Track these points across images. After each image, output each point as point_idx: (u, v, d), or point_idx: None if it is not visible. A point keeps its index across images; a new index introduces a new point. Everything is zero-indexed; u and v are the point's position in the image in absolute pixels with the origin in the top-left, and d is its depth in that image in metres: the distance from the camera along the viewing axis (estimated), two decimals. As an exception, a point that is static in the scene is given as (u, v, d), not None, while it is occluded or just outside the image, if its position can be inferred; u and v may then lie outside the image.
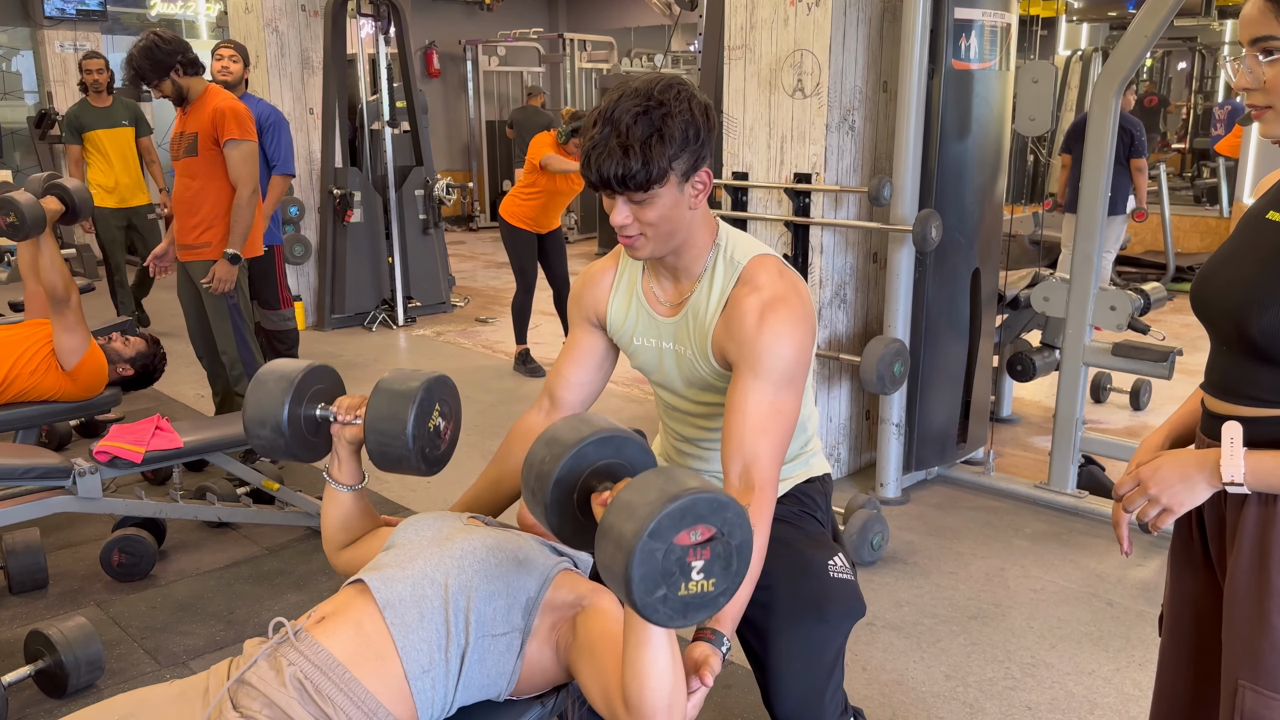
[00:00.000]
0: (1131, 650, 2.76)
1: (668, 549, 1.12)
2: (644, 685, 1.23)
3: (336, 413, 1.66)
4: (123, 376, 3.67)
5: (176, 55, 3.75)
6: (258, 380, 1.65)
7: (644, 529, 1.10)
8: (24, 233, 3.30)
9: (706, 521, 1.14)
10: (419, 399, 1.57)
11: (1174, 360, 3.41)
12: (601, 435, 1.30)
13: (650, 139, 1.48)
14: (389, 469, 1.61)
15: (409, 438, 1.55)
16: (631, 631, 1.23)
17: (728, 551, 1.16)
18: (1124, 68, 3.23)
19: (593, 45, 11.26)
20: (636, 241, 1.60)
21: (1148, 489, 1.37)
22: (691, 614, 1.16)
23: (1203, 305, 1.41)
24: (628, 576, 1.11)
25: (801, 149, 3.67)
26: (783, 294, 1.62)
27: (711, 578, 1.15)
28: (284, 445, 1.63)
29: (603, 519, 1.16)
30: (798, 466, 1.87)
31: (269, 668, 1.36)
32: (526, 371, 5.63)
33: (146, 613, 2.99)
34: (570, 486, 1.29)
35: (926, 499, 3.84)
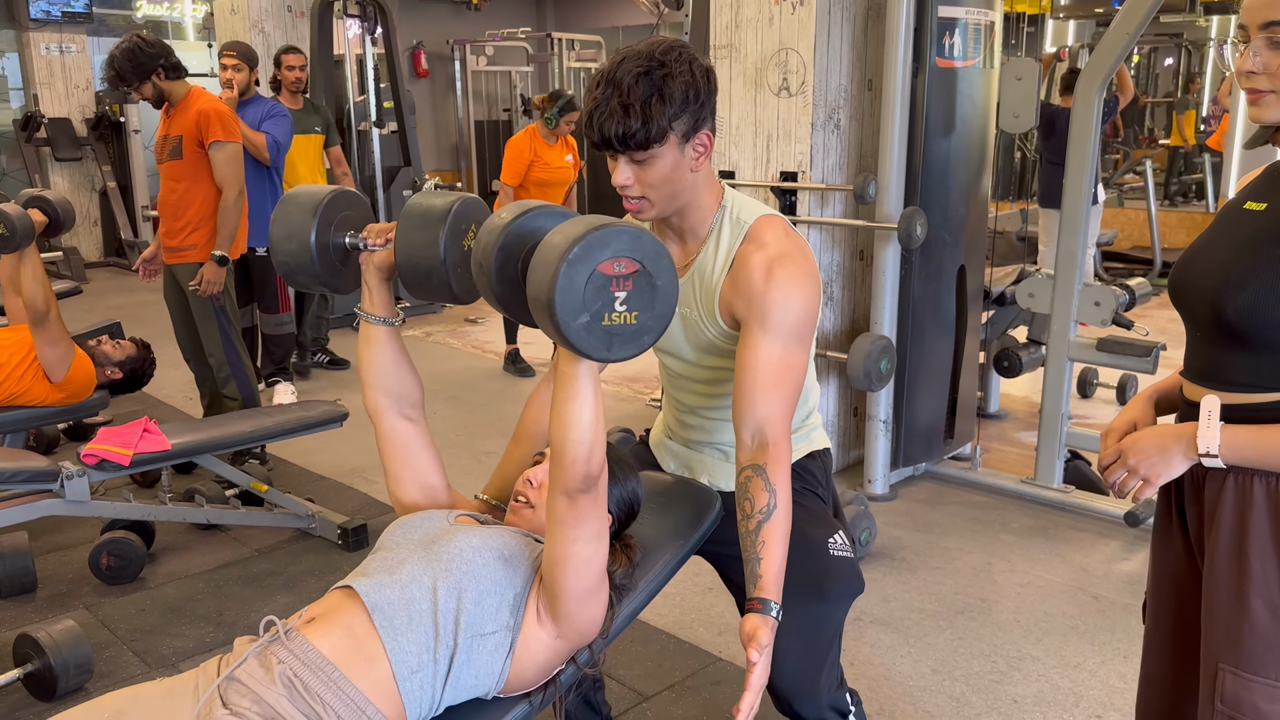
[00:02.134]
0: (1117, 643, 2.78)
1: (591, 276, 1.15)
2: (567, 435, 1.31)
3: (366, 238, 1.62)
4: (111, 380, 3.66)
5: (159, 59, 3.74)
6: (286, 199, 1.61)
7: (567, 253, 1.13)
8: (14, 244, 3.28)
9: (630, 254, 1.17)
10: (453, 213, 1.50)
11: (1158, 355, 3.44)
12: (544, 209, 1.32)
13: (651, 99, 1.51)
14: (420, 291, 1.54)
15: (441, 250, 1.48)
16: (561, 383, 1.31)
17: (651, 286, 1.20)
18: (1106, 64, 3.26)
19: (580, 45, 11.25)
20: (640, 205, 1.62)
21: (1127, 460, 1.40)
22: (616, 347, 1.20)
23: (1181, 292, 1.43)
24: (551, 300, 1.14)
25: (787, 147, 3.69)
26: (789, 251, 1.63)
27: (634, 310, 1.19)
28: (309, 263, 1.58)
29: (534, 257, 1.20)
30: (798, 440, 1.87)
31: (259, 665, 1.37)
32: (516, 371, 5.63)
33: (135, 615, 2.99)
34: (513, 255, 1.30)
35: (914, 495, 3.86)
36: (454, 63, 11.77)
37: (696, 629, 2.88)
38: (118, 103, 9.19)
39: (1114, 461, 1.42)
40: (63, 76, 9.40)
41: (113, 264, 9.55)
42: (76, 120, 9.43)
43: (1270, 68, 1.27)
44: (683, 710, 2.49)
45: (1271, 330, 1.29)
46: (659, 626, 2.89)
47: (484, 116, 11.84)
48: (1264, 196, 1.36)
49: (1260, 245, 1.31)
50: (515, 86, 11.82)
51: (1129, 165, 10.47)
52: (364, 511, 3.70)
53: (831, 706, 1.80)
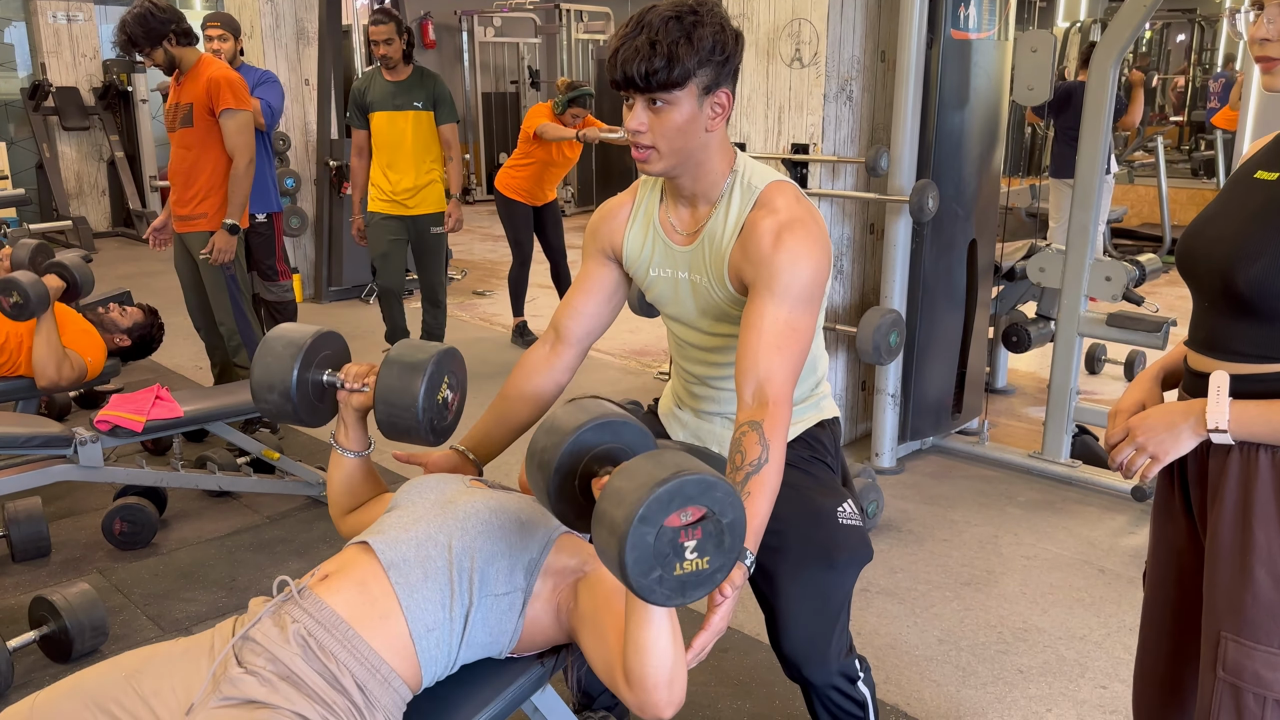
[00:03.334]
0: (1122, 615, 2.80)
1: (659, 532, 1.14)
2: (645, 662, 1.26)
3: (344, 379, 1.68)
4: (120, 346, 3.68)
5: (170, 24, 3.73)
6: (266, 345, 1.67)
7: (633, 514, 1.13)
8: (29, 313, 3.22)
9: (696, 502, 1.16)
10: (429, 372, 1.59)
11: (1168, 331, 3.44)
12: (598, 421, 1.33)
13: (678, 41, 1.53)
14: (396, 439, 1.64)
15: (419, 410, 1.58)
16: (633, 611, 1.26)
17: (719, 530, 1.18)
18: (1122, 38, 3.23)
19: (589, 16, 11.18)
20: (649, 155, 1.62)
21: (1135, 438, 1.40)
22: (690, 592, 1.19)
23: (1189, 262, 1.42)
24: (621, 561, 1.14)
25: (799, 119, 3.67)
26: (800, 216, 1.64)
27: (705, 556, 1.18)
28: (291, 410, 1.65)
29: (597, 507, 1.19)
30: (808, 409, 1.88)
31: (273, 624, 1.38)
32: (524, 344, 5.64)
33: (149, 580, 3.02)
34: (571, 472, 1.32)
35: (921, 468, 3.87)
36: (462, 34, 11.71)
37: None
38: (125, 72, 9.16)
39: (1121, 440, 1.42)
40: (70, 45, 9.37)
41: (121, 234, 9.56)
42: (84, 89, 9.40)
43: None
44: (691, 676, 2.48)
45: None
46: (667, 595, 2.91)
47: (491, 88, 11.79)
48: (1275, 165, 1.35)
49: (1271, 216, 1.30)
50: (523, 58, 11.76)
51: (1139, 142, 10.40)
52: (374, 480, 3.72)
53: (841, 672, 1.83)
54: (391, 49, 4.52)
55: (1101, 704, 2.42)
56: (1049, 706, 2.41)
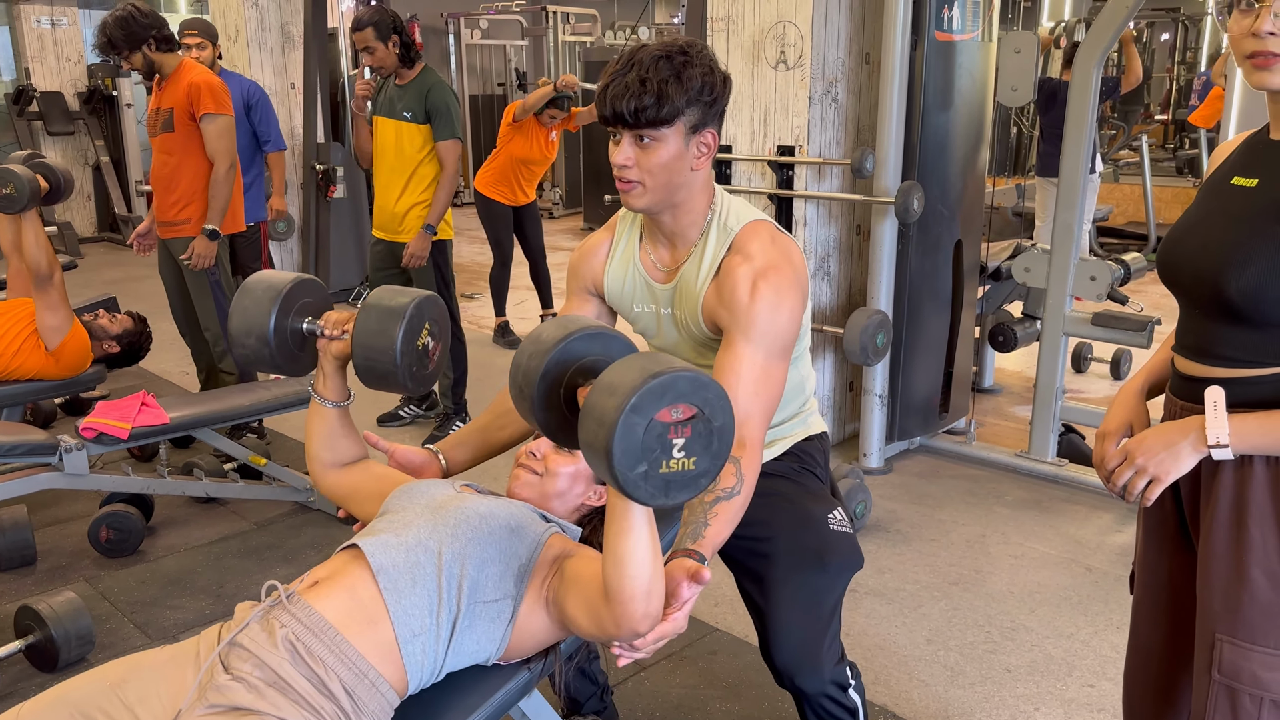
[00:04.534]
0: (1109, 614, 2.81)
1: (649, 424, 1.13)
2: (623, 572, 1.26)
3: (324, 327, 1.65)
4: (108, 354, 3.66)
5: (151, 29, 3.72)
6: (244, 290, 1.64)
7: (625, 403, 1.11)
8: (20, 205, 3.30)
9: (688, 400, 1.15)
10: (409, 315, 1.55)
11: (1152, 330, 3.45)
12: (588, 331, 1.30)
13: (668, 80, 1.55)
14: (375, 385, 1.61)
15: (397, 354, 1.53)
16: (614, 520, 1.26)
17: (709, 431, 1.17)
18: (1105, 38, 3.25)
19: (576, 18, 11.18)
20: (634, 189, 1.63)
21: (1134, 460, 1.38)
22: (674, 493, 1.17)
23: (1173, 271, 1.43)
24: (609, 450, 1.12)
25: (785, 121, 3.68)
26: (775, 262, 1.65)
27: (693, 456, 1.17)
28: (269, 356, 1.62)
29: (586, 400, 1.18)
30: (796, 425, 1.91)
31: (261, 630, 1.38)
32: (505, 344, 5.65)
33: (135, 587, 3.00)
34: (556, 381, 1.29)
35: (909, 468, 3.89)
36: (448, 36, 11.70)
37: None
38: (110, 77, 9.12)
39: (1119, 464, 1.41)
40: (54, 50, 9.33)
41: (107, 239, 9.51)
42: (69, 94, 9.36)
43: None
44: (680, 679, 2.52)
45: (1273, 308, 1.28)
46: (656, 598, 2.91)
47: (478, 91, 11.78)
48: (1252, 171, 1.35)
49: (1258, 223, 1.30)
50: (510, 61, 11.76)
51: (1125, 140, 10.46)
52: (362, 485, 3.71)
53: (832, 680, 1.83)
54: (376, 57, 3.89)
55: (1089, 702, 2.43)
56: (1037, 705, 2.42)
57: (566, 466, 1.64)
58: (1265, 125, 1.37)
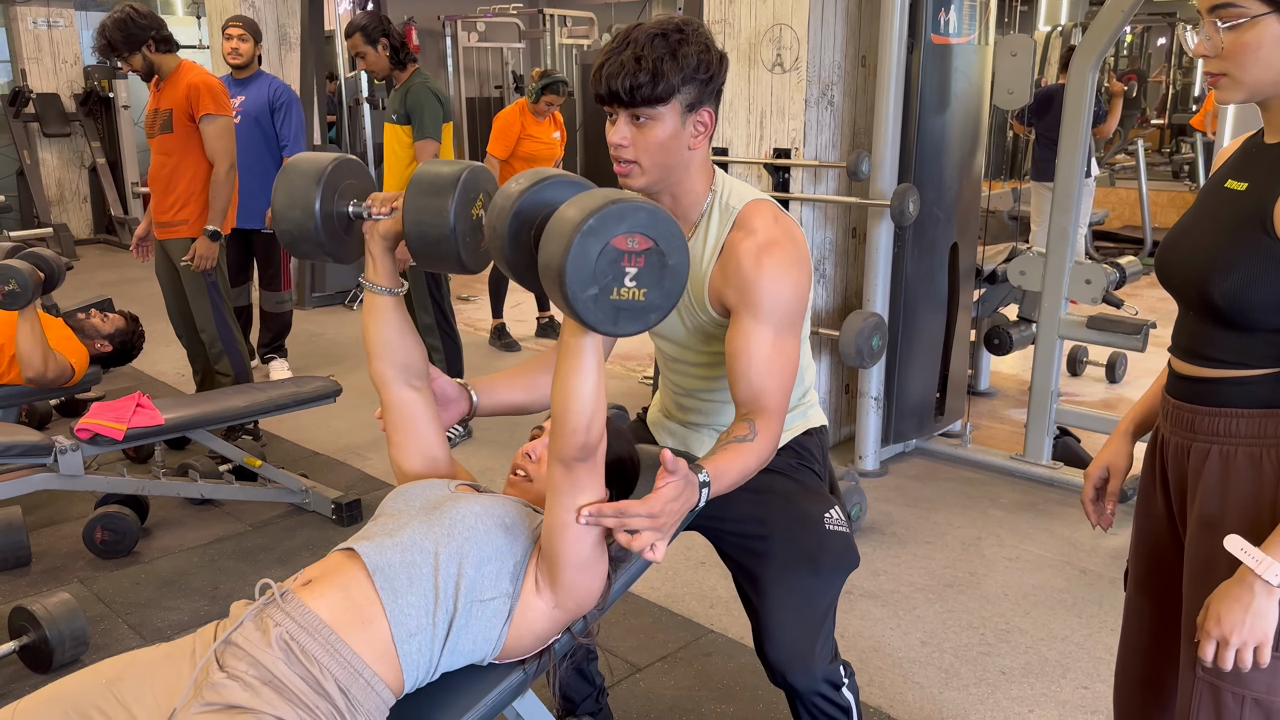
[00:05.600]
0: (1104, 616, 2.82)
1: (603, 249, 1.14)
2: (568, 406, 1.33)
3: (370, 207, 1.61)
4: (101, 353, 3.66)
5: (150, 30, 3.73)
6: (288, 167, 1.59)
7: (582, 223, 1.13)
8: (23, 301, 3.19)
9: (645, 231, 1.16)
10: (463, 181, 1.49)
11: (1147, 333, 3.46)
12: (561, 180, 1.31)
13: (663, 57, 1.55)
14: (428, 262, 1.54)
15: (451, 217, 1.46)
16: (565, 354, 1.32)
17: (662, 264, 1.19)
18: (1101, 41, 3.26)
19: (573, 21, 11.19)
20: (631, 169, 1.63)
21: (1227, 640, 1.29)
22: (622, 321, 1.19)
23: (1166, 273, 1.44)
24: (561, 268, 1.13)
25: (781, 124, 3.69)
26: (778, 238, 1.65)
27: (644, 287, 1.18)
28: (313, 232, 1.57)
29: (548, 225, 1.19)
30: (795, 418, 1.89)
31: (255, 629, 1.38)
32: (502, 346, 5.65)
33: (130, 589, 3.00)
34: (527, 222, 1.29)
35: (904, 471, 3.89)
36: (445, 39, 11.69)
37: (688, 601, 2.90)
38: (107, 78, 9.12)
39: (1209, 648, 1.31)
40: (50, 51, 9.32)
41: (103, 241, 9.51)
42: (65, 96, 9.35)
43: (1221, 50, 1.27)
44: (674, 680, 2.52)
45: (1258, 313, 1.30)
46: (651, 599, 2.91)
47: (475, 93, 11.77)
48: (1244, 174, 1.36)
49: (1240, 228, 1.31)
50: (507, 63, 11.75)
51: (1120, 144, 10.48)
52: (358, 487, 3.71)
53: (825, 679, 1.83)
54: (368, 61, 4.02)
55: (1084, 704, 2.43)
56: (1031, 708, 2.42)
57: (561, 467, 1.64)
58: (1261, 129, 1.38)
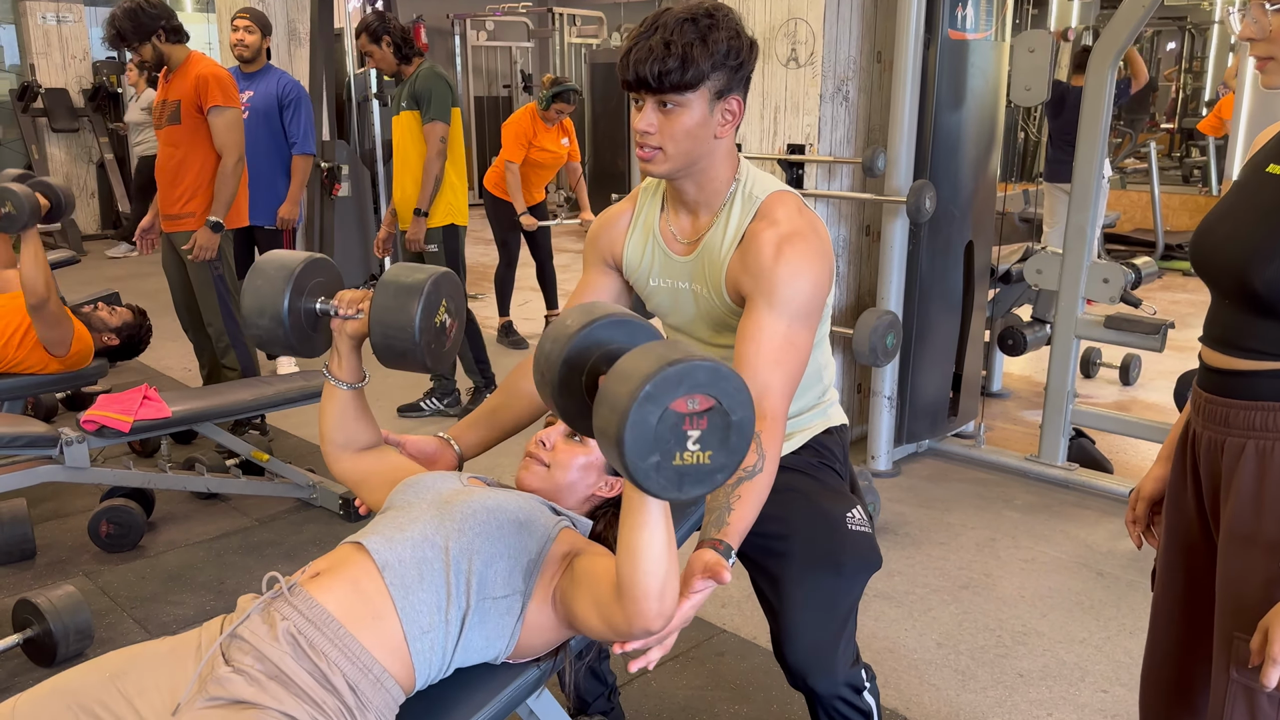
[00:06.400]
0: (1122, 619, 2.77)
1: (663, 414, 1.09)
2: (637, 567, 1.22)
3: (338, 306, 1.62)
4: (108, 346, 3.63)
5: (161, 20, 3.70)
6: (256, 269, 1.61)
7: (639, 390, 1.07)
8: (20, 224, 3.21)
9: (706, 390, 1.10)
10: (426, 292, 1.53)
11: (1166, 332, 3.42)
12: (613, 318, 1.26)
13: (693, 43, 1.51)
14: (392, 364, 1.58)
15: (416, 330, 1.50)
16: (629, 512, 1.22)
17: (726, 424, 1.13)
18: (1120, 37, 3.22)
19: (582, 20, 11.18)
20: (655, 156, 1.59)
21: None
22: (687, 487, 1.13)
23: (1203, 260, 1.40)
24: (620, 438, 1.08)
25: (795, 120, 3.65)
26: (801, 229, 1.61)
27: (708, 450, 1.12)
28: (282, 336, 1.59)
29: (602, 386, 1.14)
30: (815, 417, 1.85)
31: (262, 622, 1.34)
32: (509, 344, 5.62)
33: (135, 583, 2.97)
34: (577, 367, 1.25)
35: (917, 471, 3.85)
36: (454, 38, 11.69)
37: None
38: (115, 74, 9.11)
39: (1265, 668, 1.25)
40: (60, 46, 9.31)
41: (110, 236, 9.49)
42: (74, 91, 9.35)
43: (1270, 33, 1.26)
44: (687, 680, 2.48)
45: None
46: (662, 599, 2.87)
47: (484, 92, 11.77)
48: None
49: None
50: (515, 62, 11.75)
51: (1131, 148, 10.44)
52: (365, 483, 3.68)
53: (847, 682, 1.78)
54: (375, 59, 4.15)
55: (1103, 708, 2.39)
56: (1050, 711, 2.38)
57: (577, 457, 1.60)
58: None
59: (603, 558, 1.42)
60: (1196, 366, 1.46)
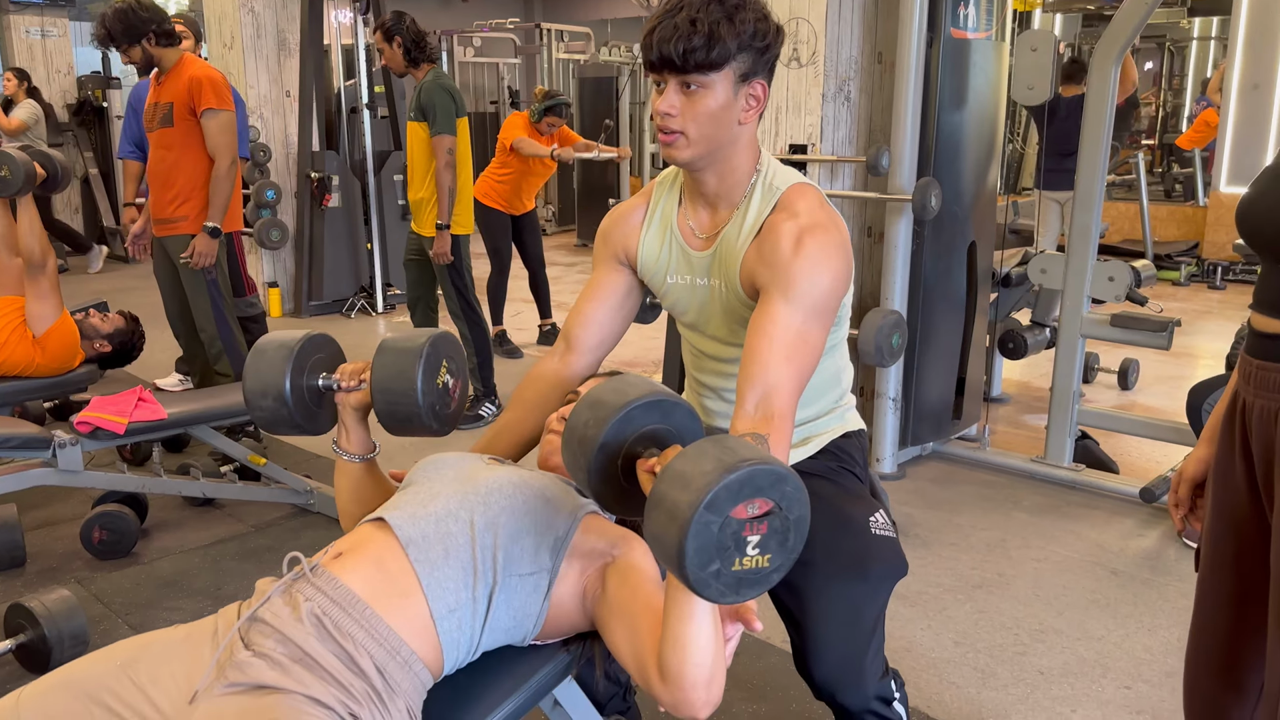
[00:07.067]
0: (1140, 616, 2.73)
1: (724, 522, 1.05)
2: (686, 659, 1.17)
3: (340, 380, 1.59)
4: (100, 353, 3.56)
5: (151, 23, 3.65)
6: (257, 351, 1.58)
7: (700, 500, 1.03)
8: (14, 188, 3.24)
9: (765, 495, 1.07)
10: (426, 354, 1.51)
11: (1173, 331, 3.40)
12: (648, 400, 1.23)
13: (720, 21, 1.46)
14: (399, 431, 1.55)
15: (419, 394, 1.49)
16: (676, 603, 1.17)
17: (785, 526, 1.09)
18: (1125, 32, 3.21)
19: (570, 36, 11.18)
20: (676, 140, 1.54)
21: None
22: (744, 590, 1.09)
23: (1254, 224, 1.37)
24: (681, 550, 1.04)
25: (797, 119, 3.63)
26: (822, 221, 1.56)
27: (767, 553, 1.09)
28: (288, 415, 1.56)
29: (654, 488, 1.10)
30: (833, 421, 1.80)
31: (284, 604, 1.28)
32: (503, 353, 5.56)
33: (130, 589, 2.88)
34: (615, 452, 1.23)
35: (923, 474, 3.81)
36: (441, 54, 11.66)
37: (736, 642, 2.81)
38: (100, 88, 9.03)
39: None
40: (44, 61, 9.24)
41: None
42: (59, 106, 9.25)
43: None
44: (702, 681, 2.41)
45: None
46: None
47: (471, 108, 11.72)
48: None
49: None
50: (503, 78, 11.72)
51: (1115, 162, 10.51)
52: (362, 489, 3.61)
53: (877, 695, 1.72)
54: (385, 58, 4.24)
55: (1127, 704, 2.35)
56: (1074, 708, 2.33)
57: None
58: None
59: (638, 586, 1.34)
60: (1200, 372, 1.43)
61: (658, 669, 1.21)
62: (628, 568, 1.38)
